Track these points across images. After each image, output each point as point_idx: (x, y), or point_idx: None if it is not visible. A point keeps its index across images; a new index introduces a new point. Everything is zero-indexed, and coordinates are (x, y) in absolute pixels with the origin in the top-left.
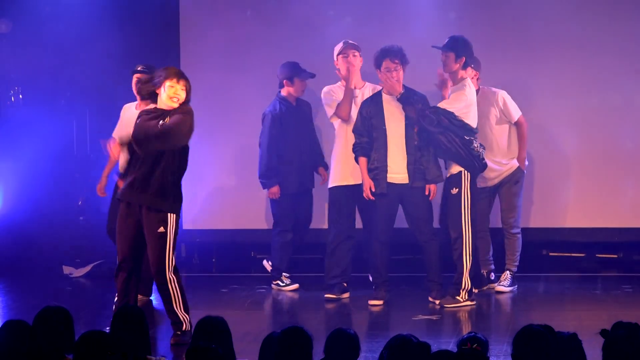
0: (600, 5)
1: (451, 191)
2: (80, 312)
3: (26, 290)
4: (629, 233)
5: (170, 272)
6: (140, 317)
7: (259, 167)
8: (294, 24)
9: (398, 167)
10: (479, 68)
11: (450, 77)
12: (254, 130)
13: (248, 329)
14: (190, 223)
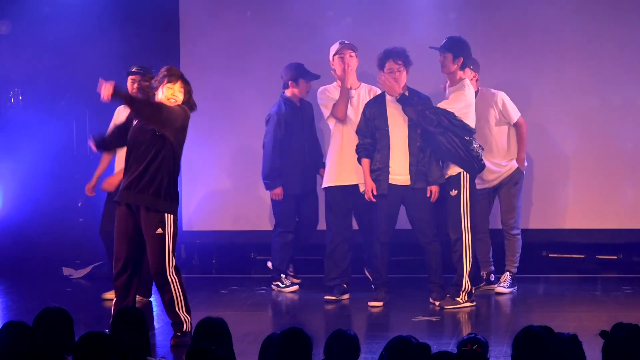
0: (599, 6)
1: (450, 192)
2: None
3: (26, 291)
4: (629, 234)
5: (171, 273)
6: (140, 318)
7: (262, 168)
8: (293, 24)
9: (400, 169)
10: (477, 69)
11: (449, 78)
12: (254, 131)
13: (248, 330)
14: (190, 224)
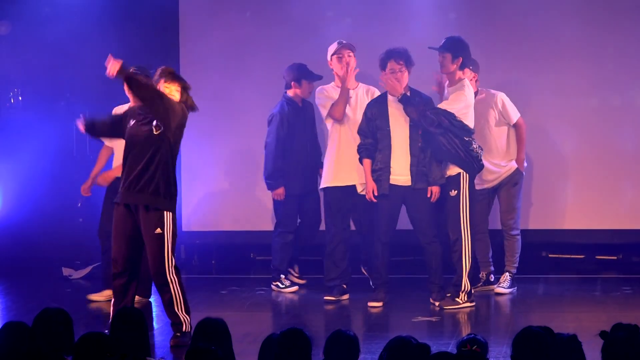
0: (599, 7)
1: (450, 193)
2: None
3: (26, 291)
4: (628, 235)
5: (171, 273)
6: (139, 319)
7: (264, 168)
8: (293, 24)
9: (401, 169)
10: (477, 70)
11: (448, 78)
12: (254, 132)
13: (248, 331)
14: (189, 225)
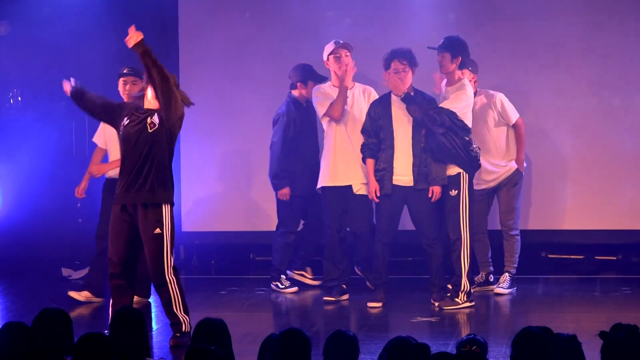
0: (599, 7)
1: (450, 193)
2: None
3: (25, 292)
4: (627, 235)
5: (169, 273)
6: (139, 319)
7: (270, 168)
8: (293, 25)
9: (403, 169)
10: (476, 71)
11: (447, 78)
12: (253, 132)
13: (247, 331)
14: (189, 225)
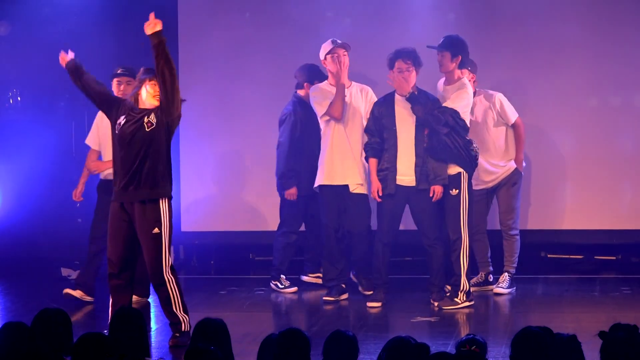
0: (599, 7)
1: (451, 192)
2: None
3: (25, 292)
4: (627, 235)
5: (167, 273)
6: (138, 319)
7: (277, 168)
8: (293, 25)
9: (406, 169)
10: (475, 71)
11: (446, 77)
12: (253, 132)
13: (247, 331)
14: (188, 225)
